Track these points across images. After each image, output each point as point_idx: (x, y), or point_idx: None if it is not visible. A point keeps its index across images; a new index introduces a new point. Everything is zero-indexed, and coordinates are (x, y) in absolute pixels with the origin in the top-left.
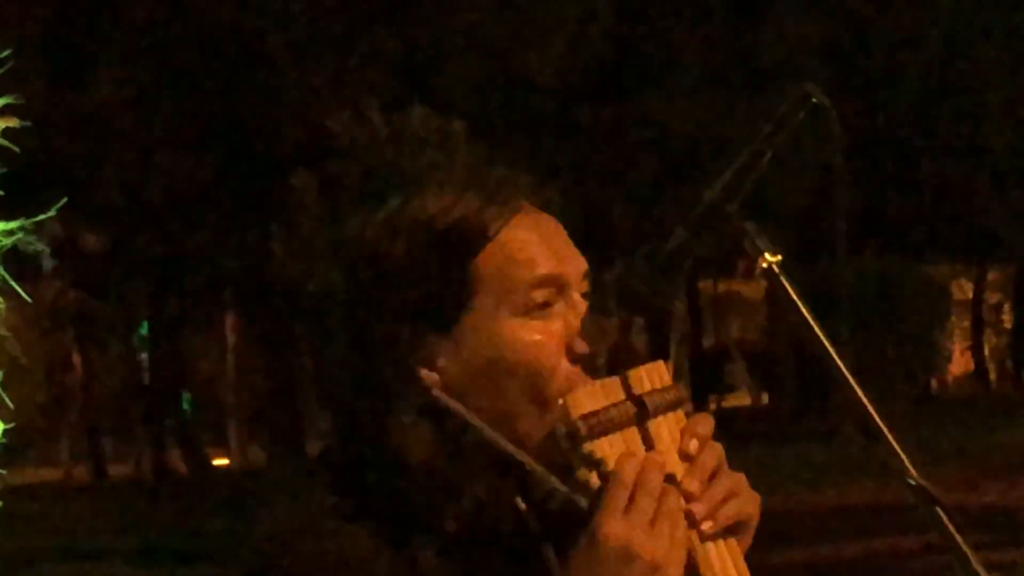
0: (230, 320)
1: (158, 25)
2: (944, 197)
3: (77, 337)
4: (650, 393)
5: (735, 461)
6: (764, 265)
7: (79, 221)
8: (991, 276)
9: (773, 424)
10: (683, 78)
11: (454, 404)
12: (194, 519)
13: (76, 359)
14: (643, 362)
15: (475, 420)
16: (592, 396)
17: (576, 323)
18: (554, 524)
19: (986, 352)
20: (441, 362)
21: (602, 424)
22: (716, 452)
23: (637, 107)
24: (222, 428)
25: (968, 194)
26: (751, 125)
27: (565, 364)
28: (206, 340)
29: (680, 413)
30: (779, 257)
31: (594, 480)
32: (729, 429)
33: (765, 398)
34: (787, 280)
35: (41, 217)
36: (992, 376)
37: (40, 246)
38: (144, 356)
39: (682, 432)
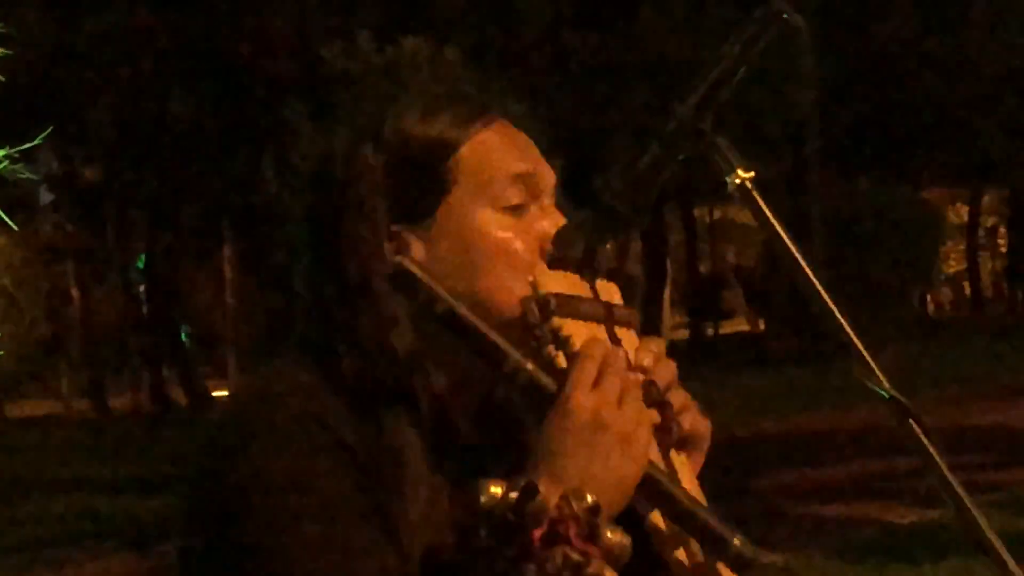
0: (227, 251)
1: None
2: (939, 122)
3: (75, 271)
4: (615, 304)
5: (734, 386)
6: (737, 181)
7: (75, 155)
8: (987, 200)
9: (770, 349)
10: (675, 5)
11: (423, 274)
12: (194, 450)
13: (75, 293)
14: (637, 289)
15: (442, 292)
16: (561, 281)
17: (548, 228)
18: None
19: (982, 275)
20: (416, 252)
21: (571, 306)
22: (670, 368)
23: (630, 33)
24: (221, 359)
25: (963, 118)
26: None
27: (540, 263)
28: (203, 272)
29: (632, 333)
30: (752, 173)
31: (560, 359)
32: (726, 354)
33: (762, 324)
34: (759, 196)
35: (27, 146)
36: (988, 298)
37: (28, 174)
38: (142, 289)
39: (636, 349)
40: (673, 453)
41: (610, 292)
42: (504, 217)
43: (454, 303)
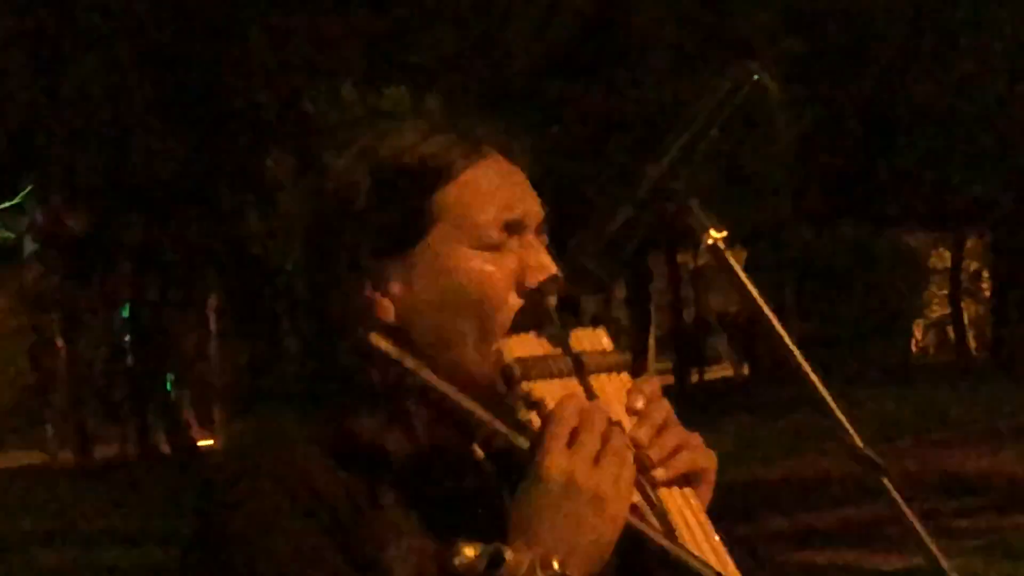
0: (213, 300)
1: (134, 5)
2: (922, 166)
3: (60, 320)
4: (589, 352)
5: (719, 432)
6: (709, 241)
7: (60, 204)
8: (969, 244)
9: (755, 395)
10: (657, 54)
11: (393, 350)
12: (180, 500)
13: (59, 342)
14: (627, 335)
15: (411, 364)
16: (526, 344)
17: (529, 261)
18: (509, 468)
19: (965, 320)
20: (395, 288)
21: (538, 368)
22: (664, 408)
23: (611, 83)
24: (207, 408)
25: (946, 163)
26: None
27: (514, 298)
28: (189, 321)
29: (625, 376)
30: (724, 233)
31: (535, 420)
32: (712, 401)
33: (746, 369)
34: (731, 256)
35: (5, 205)
36: (971, 344)
37: (10, 233)
38: (127, 338)
39: (628, 392)
40: (672, 492)
41: (594, 339)
42: (482, 253)
43: (427, 378)
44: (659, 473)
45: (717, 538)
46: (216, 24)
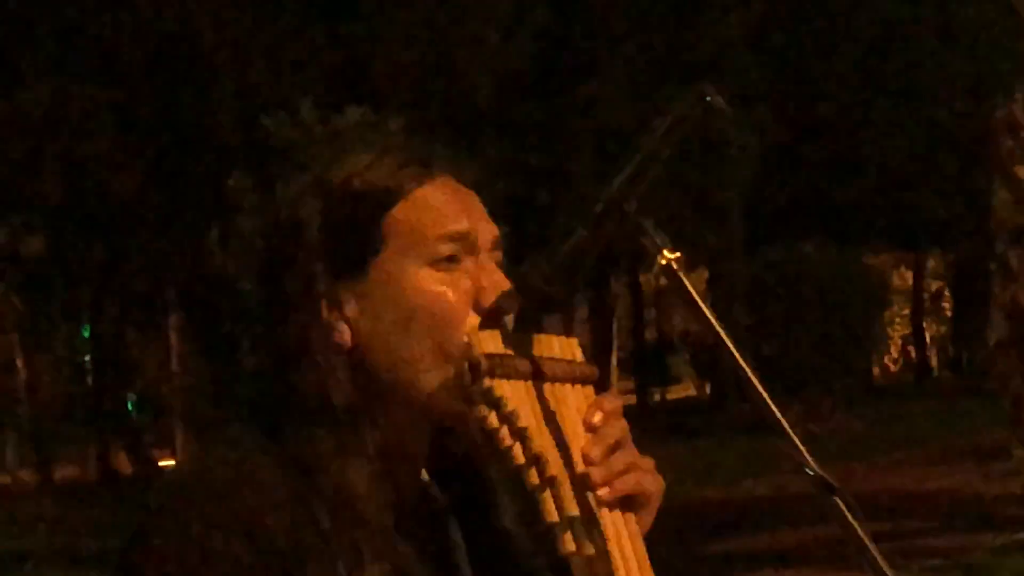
0: (173, 321)
1: (91, 27)
2: (883, 186)
3: (20, 341)
4: (551, 359)
5: (681, 451)
6: (663, 262)
7: (19, 225)
8: (931, 264)
9: (716, 415)
10: (619, 71)
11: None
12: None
13: (19, 363)
14: (587, 355)
15: None
16: (495, 340)
17: (483, 281)
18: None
19: (927, 340)
20: (350, 311)
21: (503, 367)
22: (620, 427)
23: (573, 101)
24: (167, 428)
25: (907, 183)
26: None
27: (471, 317)
28: (149, 341)
29: (589, 389)
30: (677, 254)
31: (492, 419)
32: (673, 420)
33: (708, 389)
34: (684, 277)
35: None
36: (933, 364)
37: None
38: (88, 359)
39: (588, 406)
40: (612, 516)
41: (566, 347)
42: (436, 272)
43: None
44: (603, 492)
45: (649, 568)
46: (175, 46)
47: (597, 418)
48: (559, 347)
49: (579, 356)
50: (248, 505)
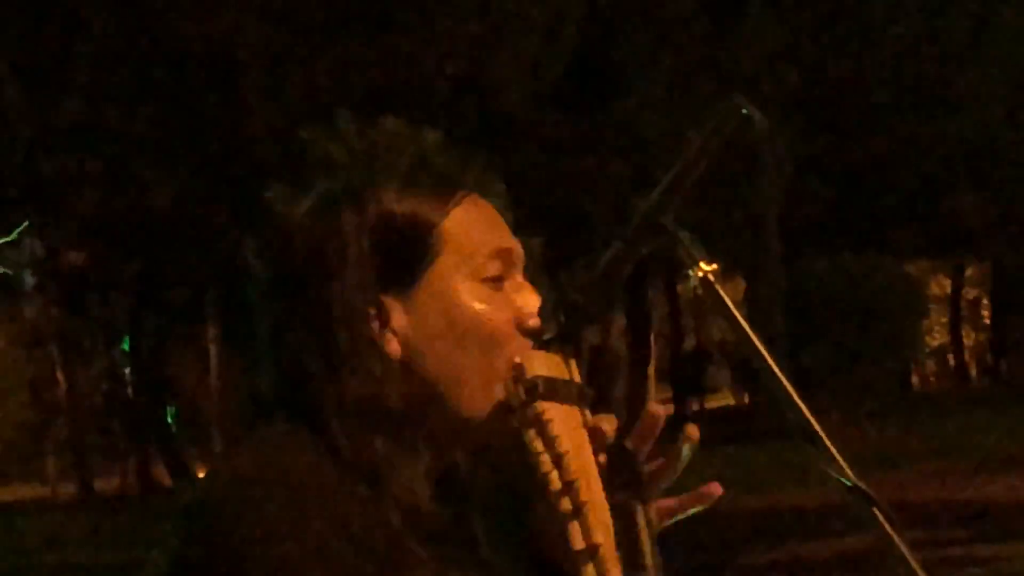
0: (211, 332)
1: (130, 40)
2: (921, 194)
3: (60, 354)
4: (579, 384)
5: (720, 461)
6: (699, 275)
7: (58, 239)
8: (969, 272)
9: (755, 424)
10: (655, 85)
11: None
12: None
13: (60, 376)
14: (622, 365)
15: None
16: (544, 362)
17: (523, 303)
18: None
19: (966, 347)
20: (398, 321)
21: (556, 390)
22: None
23: (609, 115)
24: (207, 440)
25: (944, 190)
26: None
27: (520, 339)
28: (188, 353)
29: (587, 412)
30: (714, 266)
31: (537, 444)
32: (712, 430)
33: (747, 398)
34: (721, 289)
35: (3, 240)
36: (972, 371)
37: (3, 269)
38: (127, 371)
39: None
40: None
41: (573, 369)
42: (483, 289)
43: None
44: None
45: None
46: (212, 60)
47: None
48: (573, 370)
49: (576, 375)
50: (318, 484)
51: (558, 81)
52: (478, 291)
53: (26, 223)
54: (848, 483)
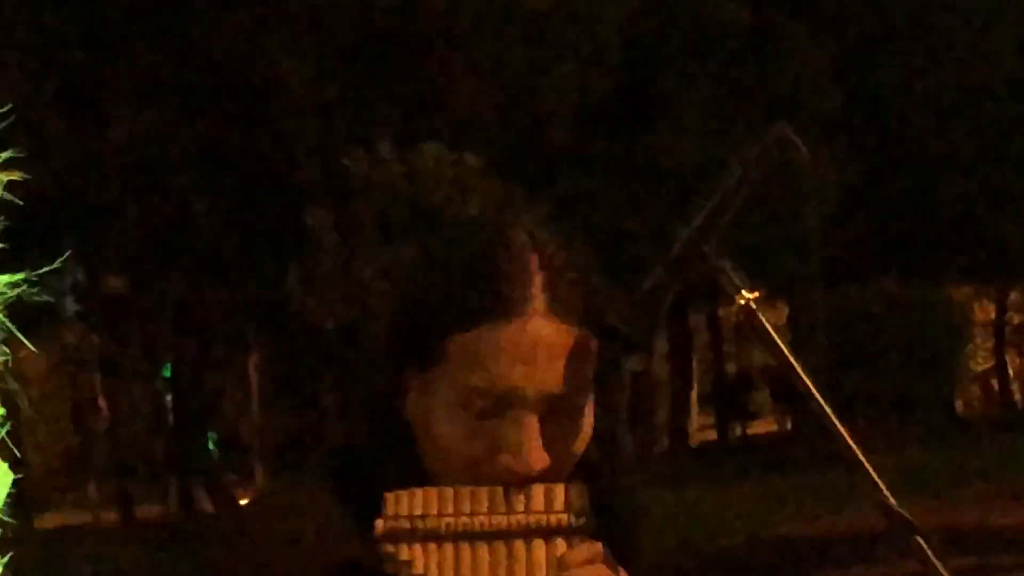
0: (253, 358)
1: (173, 66)
2: (963, 219)
3: (101, 381)
4: (487, 514)
5: (762, 487)
6: (742, 302)
7: (99, 265)
8: (1013, 297)
9: (798, 450)
10: (696, 110)
11: None
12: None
13: (101, 403)
14: (664, 391)
15: None
16: (409, 499)
17: (511, 438)
18: None
19: (1010, 373)
20: (412, 395)
21: (410, 530)
22: None
23: (650, 138)
24: (248, 466)
25: (988, 216)
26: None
27: (487, 467)
28: (229, 379)
29: (558, 541)
30: (756, 294)
31: None
32: (754, 456)
33: (789, 424)
34: (764, 317)
35: (44, 270)
36: (1016, 397)
37: (46, 298)
38: (169, 398)
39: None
40: None
41: (537, 497)
42: (464, 414)
43: None
44: None
45: None
46: (255, 84)
47: None
48: (526, 498)
49: (559, 504)
50: (315, 531)
51: (600, 106)
52: (458, 418)
53: (69, 252)
54: (891, 509)
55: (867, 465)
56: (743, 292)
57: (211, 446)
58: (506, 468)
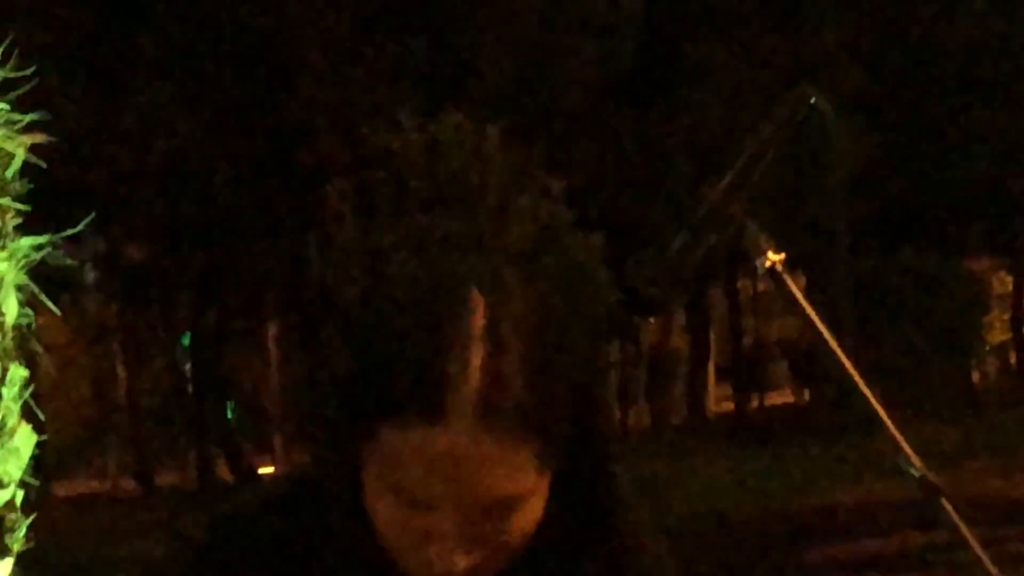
0: (272, 329)
1: (193, 36)
2: (982, 190)
3: (121, 349)
4: None
5: (780, 458)
6: (768, 264)
7: (120, 234)
8: None
9: (815, 420)
10: (714, 80)
11: None
12: None
13: (121, 371)
14: (682, 362)
15: None
16: None
17: (433, 539)
18: None
19: None
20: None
21: None
22: None
23: (670, 109)
24: (267, 436)
25: (1006, 187)
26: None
27: (415, 562)
28: (249, 350)
29: None
30: (783, 256)
31: None
32: (772, 427)
33: (807, 395)
34: (790, 279)
35: (68, 232)
36: None
37: (68, 261)
38: (188, 367)
39: None
40: None
41: None
42: (395, 503)
43: None
44: None
45: None
46: (276, 54)
47: None
48: None
49: None
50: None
51: (621, 76)
52: (387, 499)
53: (92, 215)
54: (918, 475)
55: (895, 432)
56: (769, 254)
57: (229, 416)
58: (428, 564)
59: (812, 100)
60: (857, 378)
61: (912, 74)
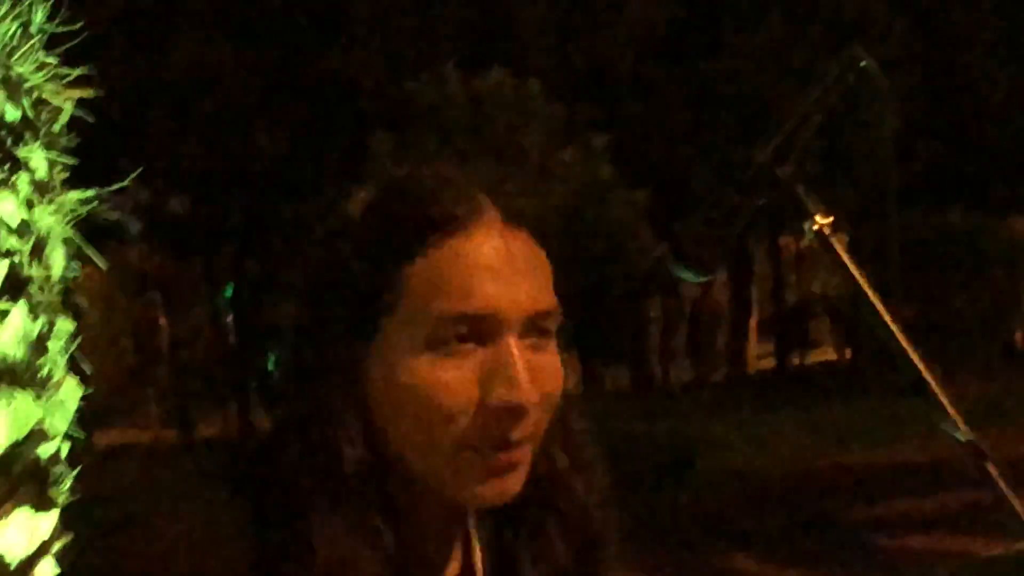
0: None
1: None
2: None
3: (163, 300)
4: None
5: (821, 415)
6: (815, 227)
7: (164, 186)
8: None
9: (857, 379)
10: (760, 37)
11: None
12: None
13: (162, 322)
14: (724, 318)
15: None
16: None
17: (498, 371)
18: None
19: None
20: (370, 370)
21: None
22: None
23: (714, 65)
24: None
25: None
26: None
27: (466, 416)
28: (289, 301)
29: None
30: (831, 219)
31: None
32: (813, 384)
33: (848, 353)
34: (836, 241)
35: (116, 187)
36: None
37: (115, 215)
38: (230, 319)
39: None
40: None
41: None
42: (435, 356)
43: None
44: None
45: None
46: (319, 6)
47: None
48: None
49: None
50: None
51: (666, 33)
52: (425, 359)
53: (140, 169)
54: (962, 438)
55: (940, 393)
56: (816, 217)
57: (271, 367)
58: (500, 402)
59: (863, 63)
60: (904, 340)
61: (959, 33)
